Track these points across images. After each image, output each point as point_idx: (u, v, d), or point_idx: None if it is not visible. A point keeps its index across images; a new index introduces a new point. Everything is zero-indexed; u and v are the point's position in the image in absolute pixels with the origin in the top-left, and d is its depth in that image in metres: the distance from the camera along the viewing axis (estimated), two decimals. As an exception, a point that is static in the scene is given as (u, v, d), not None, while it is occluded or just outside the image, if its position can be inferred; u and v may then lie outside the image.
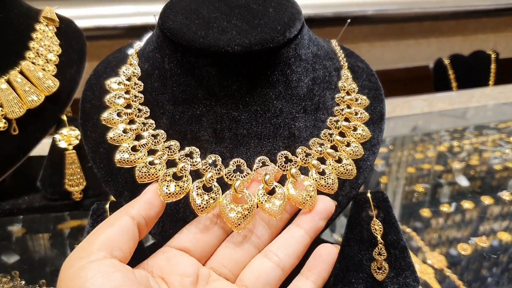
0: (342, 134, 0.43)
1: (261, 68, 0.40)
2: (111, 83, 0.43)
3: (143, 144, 0.40)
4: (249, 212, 0.40)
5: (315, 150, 0.41)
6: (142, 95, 0.42)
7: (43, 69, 0.59)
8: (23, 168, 0.59)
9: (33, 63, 0.58)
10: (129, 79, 0.43)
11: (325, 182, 0.41)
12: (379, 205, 0.43)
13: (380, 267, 0.42)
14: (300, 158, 0.41)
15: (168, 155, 0.40)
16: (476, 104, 1.20)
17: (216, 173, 0.39)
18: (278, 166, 0.40)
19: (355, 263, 0.42)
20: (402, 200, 0.84)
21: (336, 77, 0.45)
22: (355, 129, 0.44)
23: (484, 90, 1.34)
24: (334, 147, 0.42)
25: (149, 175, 0.38)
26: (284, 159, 0.41)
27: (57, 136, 0.60)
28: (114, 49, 0.50)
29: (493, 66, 1.70)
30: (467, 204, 0.80)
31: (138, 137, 0.41)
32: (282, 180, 0.41)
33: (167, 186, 0.37)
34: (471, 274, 0.63)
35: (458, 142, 1.03)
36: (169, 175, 0.38)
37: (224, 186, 0.39)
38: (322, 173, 0.41)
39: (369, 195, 0.43)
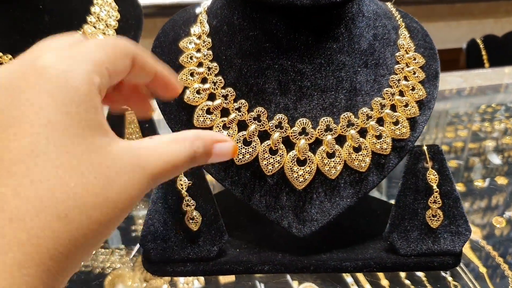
0: (401, 93, 0.45)
1: (327, 22, 0.42)
2: (184, 43, 0.46)
3: (215, 106, 0.43)
4: (309, 173, 0.42)
5: (376, 111, 0.44)
6: (211, 52, 0.45)
7: (104, 33, 0.61)
8: None
9: (94, 27, 0.61)
10: (199, 37, 0.46)
11: (380, 146, 0.43)
12: (434, 157, 0.45)
13: (435, 215, 0.44)
14: (361, 121, 0.43)
15: (238, 117, 0.43)
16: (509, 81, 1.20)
17: (283, 133, 0.42)
18: (340, 128, 0.43)
19: (410, 211, 0.45)
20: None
21: (394, 35, 0.47)
22: (413, 88, 0.45)
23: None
24: (393, 106, 0.45)
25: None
26: (347, 122, 0.43)
27: None
28: (157, 26, 0.53)
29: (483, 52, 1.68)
30: (501, 180, 0.81)
31: (211, 96, 0.44)
32: (343, 140, 0.43)
33: (241, 154, 0.43)
34: (505, 245, 0.65)
35: (489, 122, 1.03)
36: (240, 141, 0.43)
37: (289, 145, 0.43)
38: (379, 136, 0.44)
39: (425, 147, 0.45)
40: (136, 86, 0.32)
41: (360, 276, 0.57)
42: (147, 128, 0.64)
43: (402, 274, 0.49)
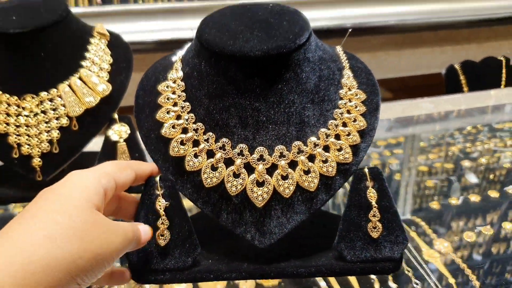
0: (344, 124, 0.54)
1: (277, 68, 0.51)
2: (162, 86, 0.55)
3: (188, 138, 0.52)
4: (267, 193, 0.51)
5: (322, 140, 0.52)
6: (184, 94, 0.54)
7: (98, 75, 0.70)
8: (80, 160, 0.70)
9: (89, 70, 0.69)
10: (174, 82, 0.55)
11: (326, 169, 0.52)
12: (374, 178, 0.53)
13: (375, 227, 0.52)
14: (309, 148, 0.52)
15: (206, 147, 0.51)
16: (482, 105, 1.29)
17: (244, 160, 0.51)
18: (292, 155, 0.51)
19: (355, 224, 0.53)
20: (414, 193, 0.93)
21: (339, 76, 0.56)
22: (355, 120, 0.54)
23: (490, 92, 1.42)
24: (337, 136, 0.53)
25: (194, 166, 0.52)
26: (297, 149, 0.52)
27: (110, 131, 0.70)
28: (146, 62, 0.62)
29: (504, 71, 1.77)
30: (473, 198, 0.89)
31: (184, 130, 0.52)
32: (294, 165, 0.52)
33: (209, 177, 0.51)
34: (474, 259, 0.71)
35: (471, 143, 1.11)
36: (208, 167, 0.51)
37: (250, 170, 0.51)
38: (325, 161, 0.52)
39: (366, 170, 0.53)
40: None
41: (333, 280, 0.65)
42: (137, 158, 0.71)
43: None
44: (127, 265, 0.53)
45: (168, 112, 0.53)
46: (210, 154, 0.52)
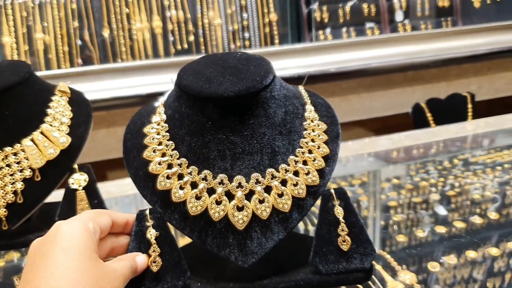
0: (310, 151, 0.61)
1: (248, 106, 0.58)
2: (147, 128, 0.62)
3: (173, 173, 0.58)
4: (247, 216, 0.57)
5: (292, 166, 0.59)
6: (168, 133, 0.61)
7: (58, 129, 0.75)
8: (46, 209, 0.77)
9: (50, 125, 0.75)
10: (158, 124, 0.62)
11: (297, 192, 0.59)
12: (340, 197, 0.60)
13: (344, 240, 0.58)
14: (281, 174, 0.59)
15: (190, 179, 0.58)
16: (438, 139, 1.38)
17: (224, 188, 0.57)
18: (267, 181, 0.58)
19: (326, 240, 0.59)
20: (381, 228, 0.97)
21: (302, 110, 0.63)
22: (319, 147, 0.61)
23: (447, 127, 1.52)
24: (305, 162, 0.60)
25: (180, 197, 0.58)
26: (271, 176, 0.58)
27: (70, 180, 0.75)
28: (126, 116, 0.69)
29: (469, 106, 1.90)
30: (439, 229, 0.93)
31: (169, 166, 0.59)
32: (269, 190, 0.58)
33: (194, 206, 0.58)
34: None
35: (440, 176, 1.18)
36: (193, 197, 0.58)
37: (230, 197, 0.58)
38: (296, 184, 0.59)
39: (332, 190, 0.60)
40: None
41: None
42: (96, 204, 0.76)
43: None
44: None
45: (154, 151, 0.60)
46: (194, 185, 0.58)
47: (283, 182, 0.59)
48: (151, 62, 1.56)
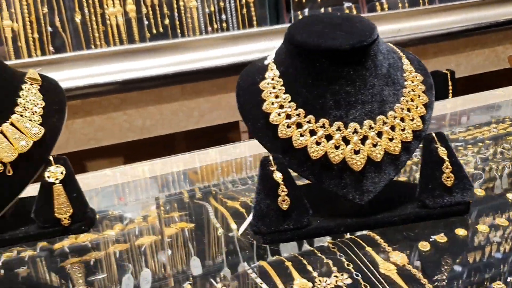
0: (412, 100, 0.68)
1: (360, 58, 0.64)
2: (263, 84, 0.67)
3: (292, 122, 0.64)
4: (363, 159, 0.63)
5: (398, 113, 0.66)
6: (283, 87, 0.66)
7: (30, 120, 0.70)
8: (20, 205, 0.72)
9: (21, 115, 0.69)
10: (272, 79, 0.67)
11: (405, 136, 0.65)
12: (440, 140, 0.67)
13: (448, 177, 0.66)
14: (390, 120, 0.65)
15: (309, 127, 0.64)
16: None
17: (341, 134, 0.64)
18: (378, 126, 0.64)
19: (431, 177, 0.66)
20: None
21: (400, 63, 0.70)
22: (419, 96, 0.68)
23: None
24: (408, 109, 0.67)
25: (301, 143, 0.64)
26: (382, 122, 0.65)
27: (46, 173, 0.69)
28: (102, 105, 0.68)
29: (450, 83, 2.00)
30: None
31: (288, 116, 0.65)
32: (380, 135, 0.65)
33: (315, 151, 0.63)
34: (430, 268, 0.69)
35: None
36: (313, 143, 0.64)
37: (346, 142, 0.64)
38: (403, 129, 0.65)
39: (433, 134, 0.67)
40: None
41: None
42: (75, 198, 0.70)
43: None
44: (251, 229, 0.64)
45: (272, 104, 0.66)
46: (312, 133, 0.64)
47: (392, 128, 0.65)
48: (126, 47, 1.51)
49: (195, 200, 1.02)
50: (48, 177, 0.68)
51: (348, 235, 0.74)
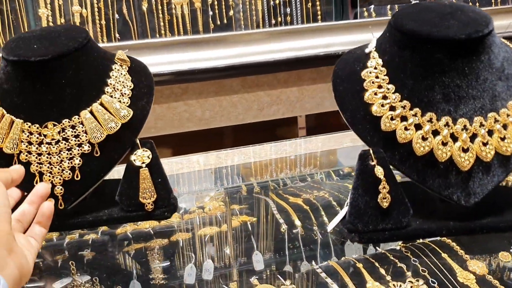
0: None
1: (474, 49, 0.60)
2: (365, 73, 0.63)
3: (397, 115, 0.60)
4: (471, 158, 0.59)
5: None
6: (387, 77, 0.62)
7: (119, 101, 0.68)
8: (102, 187, 0.70)
9: (111, 96, 0.68)
10: (375, 68, 0.63)
11: None
12: None
13: None
14: (502, 118, 0.60)
15: (415, 121, 0.60)
16: None
17: (450, 130, 0.59)
18: (489, 124, 0.60)
19: None
20: None
21: (513, 57, 0.65)
22: None
23: None
24: None
25: (406, 137, 0.60)
26: (493, 120, 0.60)
27: (132, 157, 0.67)
28: (164, 94, 0.65)
29: None
30: None
31: (391, 108, 0.61)
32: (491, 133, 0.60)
33: (421, 146, 0.59)
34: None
35: None
36: (419, 137, 0.59)
37: (454, 139, 0.59)
38: None
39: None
40: None
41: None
42: (160, 183, 0.69)
43: None
44: (345, 227, 0.61)
45: (375, 94, 0.62)
46: (417, 127, 0.60)
47: (504, 126, 0.61)
48: (190, 37, 1.52)
49: (254, 194, 1.00)
50: (135, 160, 0.67)
51: (420, 240, 0.70)
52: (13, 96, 0.67)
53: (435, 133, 0.60)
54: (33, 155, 0.66)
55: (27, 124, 0.66)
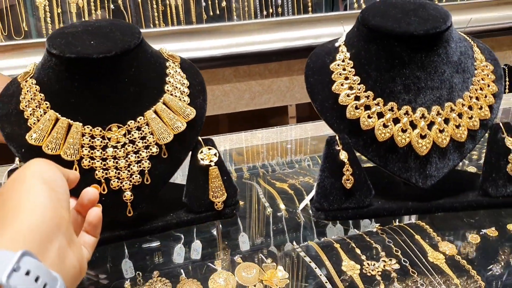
0: (481, 89, 0.68)
1: (433, 44, 0.65)
2: (334, 65, 0.69)
3: (361, 104, 0.66)
4: (428, 144, 0.64)
5: (467, 101, 0.66)
6: (353, 69, 0.68)
7: (180, 99, 0.66)
8: (166, 190, 0.66)
9: (171, 95, 0.65)
10: (343, 61, 0.69)
11: (472, 124, 0.66)
12: (507, 130, 0.67)
13: (514, 167, 0.66)
14: (458, 107, 0.66)
15: (377, 109, 0.65)
16: None
17: (409, 118, 0.65)
18: (445, 113, 0.65)
19: (496, 167, 0.66)
20: None
21: (471, 52, 0.70)
22: (488, 85, 0.68)
23: None
24: (477, 98, 0.67)
25: (368, 125, 0.65)
26: (449, 109, 0.65)
27: (199, 155, 0.66)
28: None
29: (507, 79, 1.95)
30: None
31: (356, 98, 0.66)
32: (447, 121, 0.65)
33: (382, 133, 0.64)
34: (479, 260, 0.71)
35: None
36: (380, 125, 0.65)
37: (413, 126, 0.65)
38: (471, 117, 0.66)
39: (500, 123, 0.67)
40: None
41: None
42: (226, 181, 0.67)
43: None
44: (313, 206, 0.67)
45: (342, 85, 0.67)
46: (380, 115, 0.66)
47: (459, 115, 0.66)
48: (183, 27, 1.55)
49: (243, 180, 1.05)
50: (202, 159, 0.66)
51: (397, 222, 0.76)
52: (67, 97, 0.62)
53: (396, 121, 0.65)
54: (97, 161, 0.61)
55: (87, 127, 0.61)
